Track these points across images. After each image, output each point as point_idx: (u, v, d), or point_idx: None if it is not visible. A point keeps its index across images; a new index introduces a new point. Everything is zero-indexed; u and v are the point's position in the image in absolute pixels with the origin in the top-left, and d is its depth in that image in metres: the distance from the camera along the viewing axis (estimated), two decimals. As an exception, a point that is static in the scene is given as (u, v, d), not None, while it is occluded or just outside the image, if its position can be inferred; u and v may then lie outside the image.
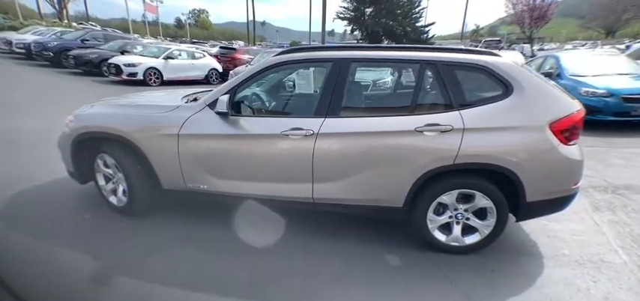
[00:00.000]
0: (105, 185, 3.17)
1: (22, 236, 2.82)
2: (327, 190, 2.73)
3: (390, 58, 2.84)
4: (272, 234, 2.90)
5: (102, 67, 13.11)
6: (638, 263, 2.68)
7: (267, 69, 2.81)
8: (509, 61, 2.61)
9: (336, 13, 33.90)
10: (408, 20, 32.87)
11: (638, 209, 3.55)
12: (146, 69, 12.48)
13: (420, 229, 2.75)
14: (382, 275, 2.55)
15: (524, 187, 2.51)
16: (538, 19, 35.16)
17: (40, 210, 3.22)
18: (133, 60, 12.64)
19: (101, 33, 18.57)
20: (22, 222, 3.03)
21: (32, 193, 3.53)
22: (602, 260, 2.72)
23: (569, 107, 2.52)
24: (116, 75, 12.28)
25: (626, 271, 2.59)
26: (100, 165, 3.09)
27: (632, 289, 2.39)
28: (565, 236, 3.06)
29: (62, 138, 3.12)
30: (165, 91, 4.15)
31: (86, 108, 3.15)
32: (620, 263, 2.68)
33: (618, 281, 2.47)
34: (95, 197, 3.28)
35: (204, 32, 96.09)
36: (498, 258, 2.74)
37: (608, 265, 2.66)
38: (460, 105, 2.53)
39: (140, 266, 2.52)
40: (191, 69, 14.23)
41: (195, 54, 15.03)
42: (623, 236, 3.07)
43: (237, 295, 2.28)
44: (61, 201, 3.42)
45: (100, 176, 3.16)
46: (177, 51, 14.37)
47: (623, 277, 2.52)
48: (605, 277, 2.52)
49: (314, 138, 2.61)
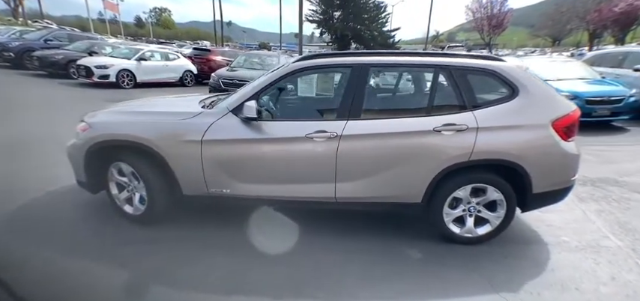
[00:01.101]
0: (118, 194, 3.10)
1: (38, 250, 2.71)
2: (349, 189, 2.84)
3: (407, 63, 3.01)
4: (291, 236, 2.98)
5: (69, 68, 12.54)
6: (631, 246, 3.00)
7: (289, 74, 2.89)
8: (514, 66, 2.86)
9: (305, 16, 34.27)
10: (375, 25, 33.93)
11: (617, 199, 3.94)
12: (118, 71, 12.00)
13: (437, 223, 2.93)
14: (407, 269, 2.68)
15: (531, 180, 2.75)
16: (496, 27, 37.49)
17: (48, 222, 3.10)
18: (104, 61, 12.12)
19: (65, 33, 17.65)
20: (34, 236, 2.90)
21: (36, 205, 3.39)
22: (598, 245, 3.01)
23: (567, 107, 2.81)
24: (86, 78, 11.73)
25: (623, 254, 2.89)
26: (113, 173, 3.03)
27: (632, 270, 2.69)
28: (561, 225, 3.35)
29: (74, 147, 3.03)
30: (178, 97, 4.13)
31: (99, 116, 3.08)
32: (615, 247, 2.98)
33: (618, 264, 2.76)
34: (95, 205, 3.21)
35: (167, 31, 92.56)
36: (508, 247, 2.96)
37: (606, 249, 2.95)
38: (473, 107, 2.74)
39: (174, 276, 2.49)
40: (165, 70, 13.80)
41: (169, 55, 14.58)
42: (611, 223, 3.40)
43: (277, 296, 2.33)
44: (66, 211, 3.30)
45: (113, 185, 3.10)
46: (150, 52, 13.89)
47: (621, 260, 2.81)
48: (605, 260, 2.80)
49: (337, 139, 2.72)
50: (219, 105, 3.12)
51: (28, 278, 2.22)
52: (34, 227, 3.02)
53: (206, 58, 16.25)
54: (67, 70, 12.60)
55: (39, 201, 3.49)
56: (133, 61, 12.64)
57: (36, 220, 3.14)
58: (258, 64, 11.47)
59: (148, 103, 3.63)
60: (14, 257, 2.49)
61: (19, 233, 2.94)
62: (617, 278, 2.59)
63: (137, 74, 12.59)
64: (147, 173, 2.88)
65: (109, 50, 14.39)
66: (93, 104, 9.12)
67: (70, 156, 3.11)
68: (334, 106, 2.90)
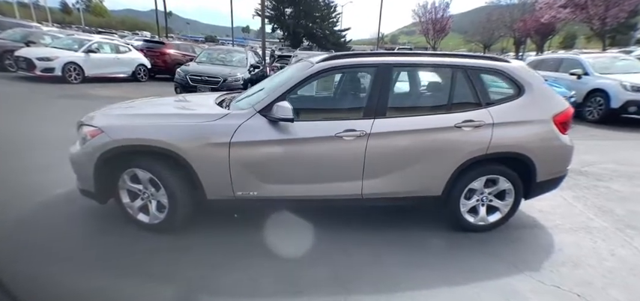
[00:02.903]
0: (131, 202, 2.91)
1: (60, 272, 2.46)
2: (375, 186, 2.93)
3: (427, 63, 3.17)
4: (319, 235, 3.01)
5: (4, 60, 11.40)
6: (615, 226, 3.42)
7: (317, 74, 2.91)
8: (519, 66, 3.15)
9: (255, 10, 34.01)
10: (327, 24, 34.64)
11: (586, 186, 4.44)
12: (65, 64, 11.03)
13: (454, 213, 3.12)
14: (435, 258, 2.83)
15: (536, 170, 3.04)
16: (439, 31, 40.10)
17: (54, 239, 2.82)
18: (46, 53, 11.06)
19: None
20: (46, 257, 2.62)
21: (32, 219, 3.06)
22: (589, 227, 3.40)
23: (564, 103, 3.15)
24: (27, 71, 10.70)
25: (611, 233, 3.29)
26: (126, 181, 2.84)
27: (624, 246, 3.08)
28: (550, 210, 3.72)
29: (80, 154, 2.79)
30: (187, 97, 3.96)
31: (110, 119, 2.86)
32: (602, 227, 3.39)
33: (611, 242, 3.14)
34: (98, 216, 3.01)
35: (99, 19, 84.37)
36: (515, 232, 3.24)
37: (596, 229, 3.34)
38: (487, 104, 2.98)
39: (217, 283, 2.40)
40: (116, 64, 12.90)
41: (120, 47, 13.60)
42: (590, 207, 3.84)
43: (326, 293, 2.35)
44: (69, 224, 3.02)
45: (124, 193, 2.90)
46: (98, 43, 12.84)
47: (612, 238, 3.21)
48: (599, 239, 3.18)
49: (366, 138, 2.80)
50: (237, 105, 3.06)
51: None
52: (42, 246, 2.72)
53: (160, 51, 15.44)
54: (3, 62, 11.41)
55: (34, 214, 3.16)
56: (81, 53, 11.67)
57: (40, 238, 2.82)
58: (225, 59, 11.00)
59: (157, 104, 3.43)
60: (37, 283, 2.26)
61: (29, 256, 2.61)
62: (615, 253, 2.95)
63: (85, 68, 11.65)
64: (169, 179, 2.74)
65: (48, 40, 13.14)
66: (48, 102, 8.38)
67: (75, 163, 2.86)
68: (360, 105, 2.98)
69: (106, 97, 9.66)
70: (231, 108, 3.09)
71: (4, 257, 2.48)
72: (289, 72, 3.49)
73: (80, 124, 2.99)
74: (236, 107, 3.05)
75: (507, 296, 2.37)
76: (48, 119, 6.80)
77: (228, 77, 9.22)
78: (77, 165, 2.85)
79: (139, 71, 13.74)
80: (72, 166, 2.91)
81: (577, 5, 21.88)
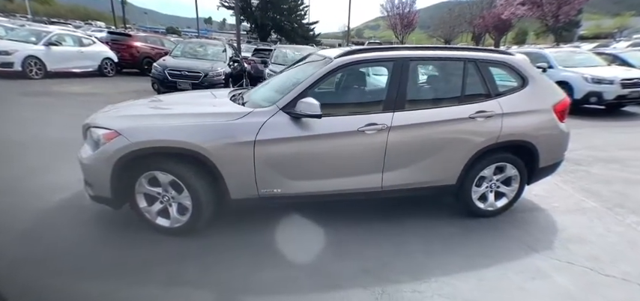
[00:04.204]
0: (148, 207, 2.80)
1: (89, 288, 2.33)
2: (395, 177, 3.01)
3: (441, 57, 3.27)
4: (335, 228, 3.08)
5: None
6: (604, 206, 3.72)
7: (337, 69, 2.94)
8: (522, 59, 3.34)
9: (220, 1, 33.09)
10: (294, 16, 34.36)
11: (571, 171, 4.77)
12: (24, 58, 10.29)
13: (466, 200, 3.27)
14: (455, 245, 2.96)
15: (539, 156, 3.25)
16: (407, 26, 41.31)
17: (73, 251, 2.66)
18: (4, 46, 10.30)
19: None
20: (71, 272, 2.46)
21: (41, 228, 2.86)
22: (582, 208, 3.67)
23: (561, 93, 3.38)
24: None
25: (602, 212, 3.59)
26: (143, 184, 2.73)
27: (618, 224, 3.36)
28: (544, 194, 3.97)
29: (94, 158, 2.64)
30: (200, 94, 3.93)
31: (125, 121, 2.72)
32: (593, 207, 3.68)
33: (605, 220, 3.42)
34: (110, 222, 2.89)
35: (45, 8, 76.56)
36: (520, 215, 3.45)
37: (588, 210, 3.63)
38: (496, 95, 3.14)
39: (253, 282, 2.39)
40: (81, 58, 12.10)
41: (83, 40, 12.71)
42: (578, 190, 4.15)
43: (362, 284, 2.40)
44: (81, 232, 2.85)
45: (141, 197, 2.78)
46: (59, 35, 11.96)
47: (605, 217, 3.49)
48: (593, 217, 3.46)
49: (387, 131, 2.87)
50: (254, 102, 3.04)
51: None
52: (63, 260, 2.55)
53: (126, 44, 14.64)
54: None
55: (41, 222, 2.99)
56: (41, 46, 10.87)
57: (55, 249, 2.66)
58: (203, 53, 10.48)
59: (171, 104, 3.31)
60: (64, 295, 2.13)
61: (52, 271, 2.44)
62: (611, 230, 3.22)
63: (47, 62, 10.88)
64: (192, 180, 2.67)
65: (1, 32, 12.14)
66: (11, 100, 7.82)
67: (88, 168, 2.70)
68: (378, 98, 3.04)
69: (75, 94, 9.16)
70: (247, 105, 3.05)
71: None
72: (302, 68, 3.50)
73: (87, 127, 2.84)
74: (252, 104, 3.01)
75: (533, 275, 2.54)
76: (14, 121, 6.31)
77: (209, 72, 8.86)
78: (91, 170, 2.69)
79: (106, 65, 12.95)
80: (83, 172, 2.75)
81: (534, 3, 23.43)
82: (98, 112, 3.10)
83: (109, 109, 3.16)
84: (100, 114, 3.01)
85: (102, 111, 3.13)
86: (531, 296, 2.35)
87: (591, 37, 60.50)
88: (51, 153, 4.51)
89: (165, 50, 15.58)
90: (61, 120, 6.44)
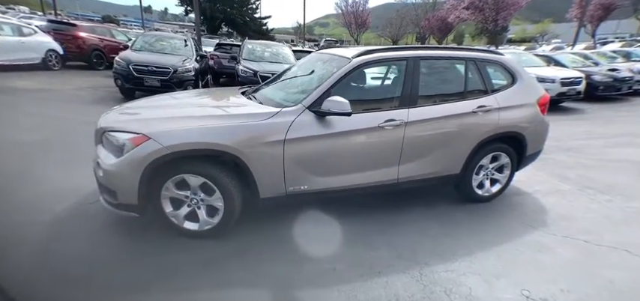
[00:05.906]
0: (174, 211, 2.75)
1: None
2: (409, 170, 3.23)
3: (445, 56, 3.54)
4: (358, 221, 3.23)
5: None
6: (577, 188, 4.24)
7: (356, 68, 3.08)
8: (511, 58, 3.72)
9: None
10: (245, 10, 33.57)
11: (541, 159, 5.25)
12: None
13: (467, 187, 3.59)
14: (468, 227, 3.24)
15: (527, 145, 3.65)
16: (361, 25, 42.43)
17: (110, 267, 2.53)
18: None
19: None
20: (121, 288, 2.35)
21: (63, 246, 2.67)
22: (559, 190, 4.16)
23: (542, 89, 3.81)
24: None
25: (576, 193, 4.09)
26: (171, 188, 2.67)
27: (592, 201, 3.87)
28: (524, 179, 4.41)
29: (120, 165, 2.53)
30: (210, 92, 3.87)
31: (154, 124, 2.62)
32: (569, 190, 4.17)
33: (581, 200, 3.91)
34: (130, 228, 2.81)
35: None
36: (512, 199, 3.84)
37: (565, 192, 4.12)
38: (492, 91, 3.48)
39: (298, 276, 2.46)
40: (22, 49, 10.96)
41: (23, 29, 11.45)
42: (550, 175, 4.66)
43: (400, 269, 2.57)
44: (107, 244, 2.72)
45: (167, 201, 2.72)
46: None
47: (580, 197, 3.99)
48: (572, 198, 3.94)
49: (404, 126, 3.07)
50: (271, 100, 3.12)
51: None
52: (102, 277, 2.43)
53: (71, 34, 13.33)
54: None
55: (55, 235, 2.79)
56: None
57: (87, 265, 2.51)
58: (167, 47, 9.67)
59: (191, 105, 3.28)
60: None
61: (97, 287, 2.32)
62: (589, 207, 3.71)
63: None
64: (224, 182, 2.67)
65: None
66: None
67: (112, 175, 2.58)
68: (393, 95, 3.23)
69: (27, 90, 8.41)
70: (265, 104, 3.09)
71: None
72: (309, 66, 3.63)
73: (103, 131, 2.72)
74: (272, 103, 3.06)
75: (539, 248, 2.88)
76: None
77: (178, 67, 8.29)
78: (116, 177, 2.57)
79: (50, 58, 11.84)
80: (104, 180, 2.62)
81: (476, 8, 25.38)
82: (108, 114, 2.98)
83: (119, 110, 3.07)
84: (114, 116, 2.90)
85: (112, 113, 3.02)
86: (546, 267, 2.66)
87: (518, 40, 66.55)
88: (31, 158, 4.20)
89: (116, 42, 14.62)
90: (25, 120, 5.94)
